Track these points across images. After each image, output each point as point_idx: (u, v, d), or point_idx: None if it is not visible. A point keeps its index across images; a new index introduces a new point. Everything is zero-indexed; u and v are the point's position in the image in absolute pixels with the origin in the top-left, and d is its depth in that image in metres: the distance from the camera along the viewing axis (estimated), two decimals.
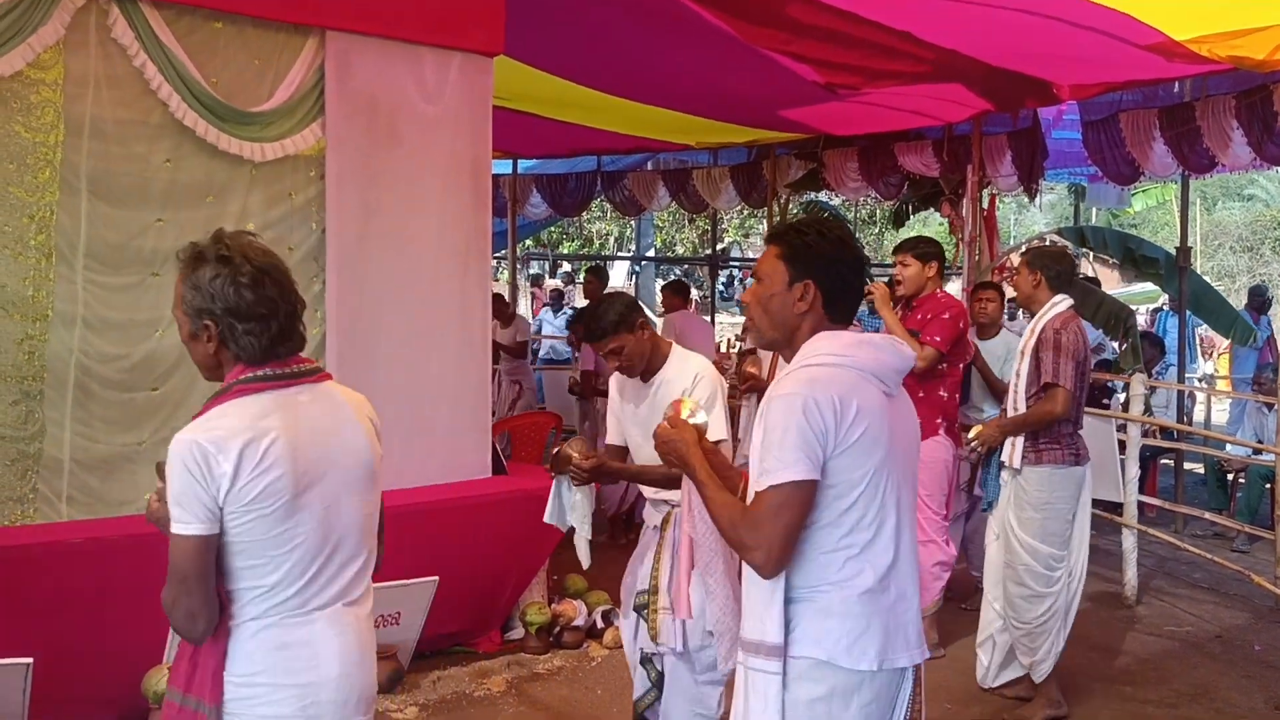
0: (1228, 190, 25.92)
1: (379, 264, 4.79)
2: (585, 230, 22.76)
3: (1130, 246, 9.24)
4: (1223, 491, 8.08)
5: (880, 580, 2.09)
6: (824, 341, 2.15)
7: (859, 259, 2.22)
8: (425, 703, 4.46)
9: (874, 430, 2.07)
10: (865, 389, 2.09)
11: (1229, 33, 4.71)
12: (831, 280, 2.16)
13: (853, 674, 2.06)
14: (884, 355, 2.15)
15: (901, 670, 2.11)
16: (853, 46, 5.76)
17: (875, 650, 2.07)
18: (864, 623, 2.07)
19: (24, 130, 3.99)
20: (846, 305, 2.20)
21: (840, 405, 2.04)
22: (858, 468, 2.06)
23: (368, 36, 4.72)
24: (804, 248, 2.18)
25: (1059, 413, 4.21)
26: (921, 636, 2.17)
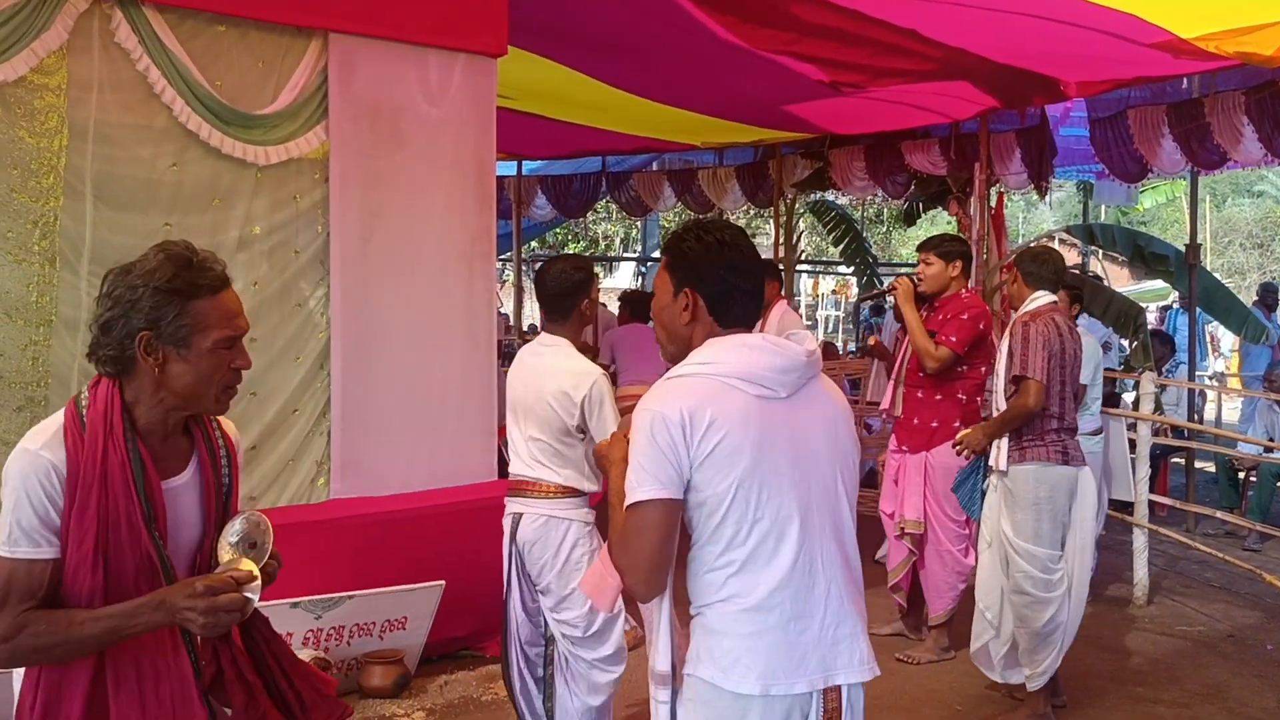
0: (1237, 187, 25.81)
1: (383, 267, 4.78)
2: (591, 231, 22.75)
3: (1140, 244, 9.18)
4: (1234, 490, 8.03)
5: (765, 599, 1.95)
6: (697, 350, 2.06)
7: (743, 260, 2.08)
8: (432, 707, 4.45)
9: (735, 440, 1.94)
10: (726, 396, 1.97)
11: (1237, 29, 4.68)
12: (711, 285, 2.06)
13: (735, 697, 1.94)
14: (758, 356, 2.00)
15: (802, 696, 1.95)
16: (858, 45, 5.74)
17: (757, 673, 1.93)
18: (744, 644, 1.95)
19: (28, 135, 3.99)
20: (737, 309, 2.08)
21: (689, 417, 1.93)
22: (720, 480, 1.94)
23: (371, 39, 4.71)
24: (681, 255, 2.09)
25: (1030, 405, 4.10)
26: (852, 659, 1.99)
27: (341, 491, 4.70)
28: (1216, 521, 7.37)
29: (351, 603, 4.37)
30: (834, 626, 1.99)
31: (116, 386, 1.89)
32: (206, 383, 1.92)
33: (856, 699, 2.01)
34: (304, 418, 4.66)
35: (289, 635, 4.27)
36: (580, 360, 3.46)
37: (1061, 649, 4.30)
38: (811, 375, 2.07)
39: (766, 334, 2.09)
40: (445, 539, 4.68)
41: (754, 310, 2.12)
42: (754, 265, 2.11)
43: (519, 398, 3.50)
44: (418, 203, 4.88)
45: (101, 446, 1.82)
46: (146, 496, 1.85)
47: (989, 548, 4.40)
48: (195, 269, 1.91)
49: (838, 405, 2.11)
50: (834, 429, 2.07)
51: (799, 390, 2.03)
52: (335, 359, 4.68)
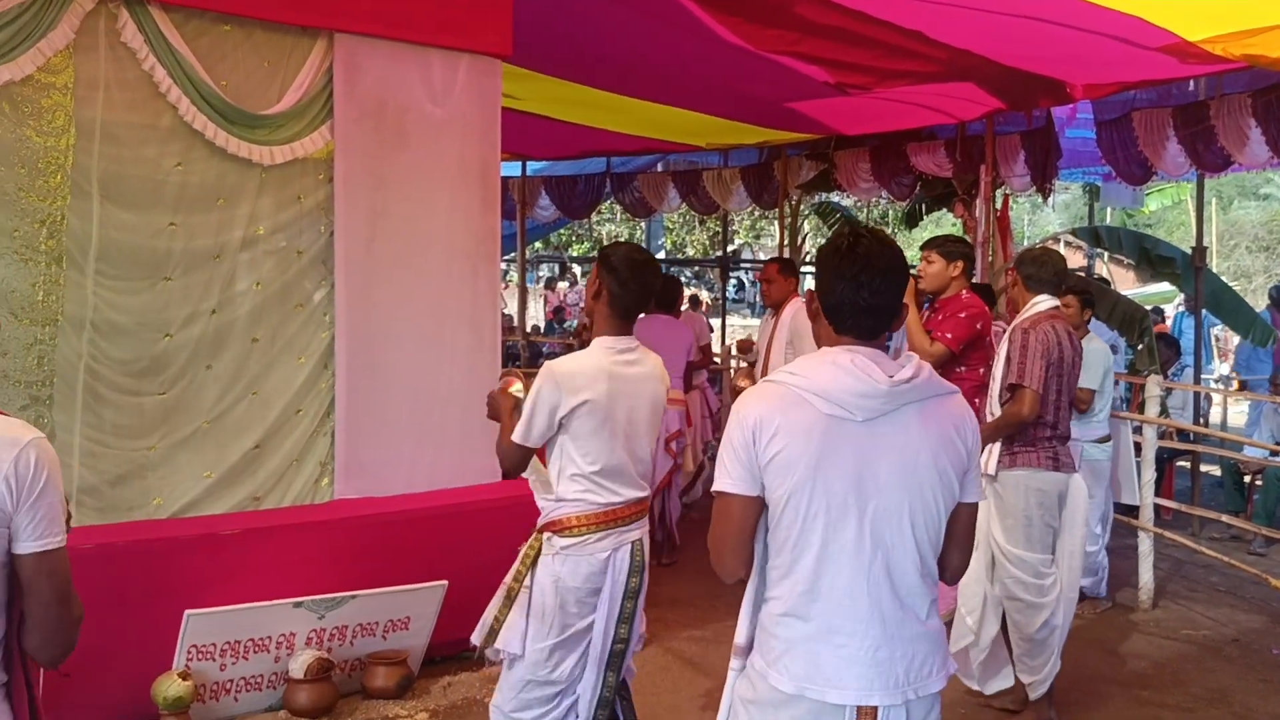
0: (1244, 189, 25.75)
1: (388, 267, 4.78)
2: (595, 232, 22.76)
3: (1146, 246, 9.18)
4: (1240, 494, 8.01)
5: (805, 608, 2.06)
6: (800, 359, 2.19)
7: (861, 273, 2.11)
8: (436, 708, 4.44)
9: (793, 452, 2.02)
10: (797, 409, 2.04)
11: (1242, 32, 4.67)
12: (826, 292, 2.17)
13: (775, 691, 2.06)
14: (840, 377, 2.06)
15: (835, 707, 2.02)
16: (863, 46, 5.73)
17: (793, 675, 2.05)
18: (784, 645, 2.07)
19: (35, 134, 3.99)
20: (849, 321, 2.13)
21: (759, 423, 2.05)
22: (778, 487, 2.05)
23: (376, 39, 4.71)
24: (817, 256, 2.23)
25: (1025, 414, 4.10)
26: (888, 683, 2.05)
27: (345, 492, 4.70)
28: (1222, 525, 7.35)
29: (354, 602, 4.37)
30: (874, 649, 2.05)
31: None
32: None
33: (896, 718, 2.05)
34: (308, 418, 4.65)
35: (292, 635, 4.27)
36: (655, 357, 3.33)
37: (1057, 656, 4.29)
38: (904, 402, 2.07)
39: (859, 354, 2.09)
40: (449, 540, 4.67)
41: (870, 325, 2.13)
42: (876, 281, 2.10)
43: (635, 416, 3.14)
44: (422, 203, 4.88)
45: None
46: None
47: (975, 550, 4.39)
48: None
49: (930, 437, 2.09)
50: (914, 459, 2.07)
51: (883, 415, 2.06)
52: (339, 359, 4.68)
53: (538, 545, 3.17)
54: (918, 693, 2.07)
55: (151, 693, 3.93)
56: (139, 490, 4.25)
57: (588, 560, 3.09)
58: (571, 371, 3.04)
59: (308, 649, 4.30)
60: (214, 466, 4.42)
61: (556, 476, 3.12)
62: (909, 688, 2.06)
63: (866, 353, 2.09)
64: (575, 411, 3.02)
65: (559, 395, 3.01)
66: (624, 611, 3.14)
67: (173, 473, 4.32)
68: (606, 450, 3.07)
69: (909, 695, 2.06)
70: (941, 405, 2.13)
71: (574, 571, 3.09)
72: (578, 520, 3.09)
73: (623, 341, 3.13)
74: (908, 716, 2.07)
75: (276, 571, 4.23)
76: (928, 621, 2.11)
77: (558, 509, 3.12)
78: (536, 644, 3.12)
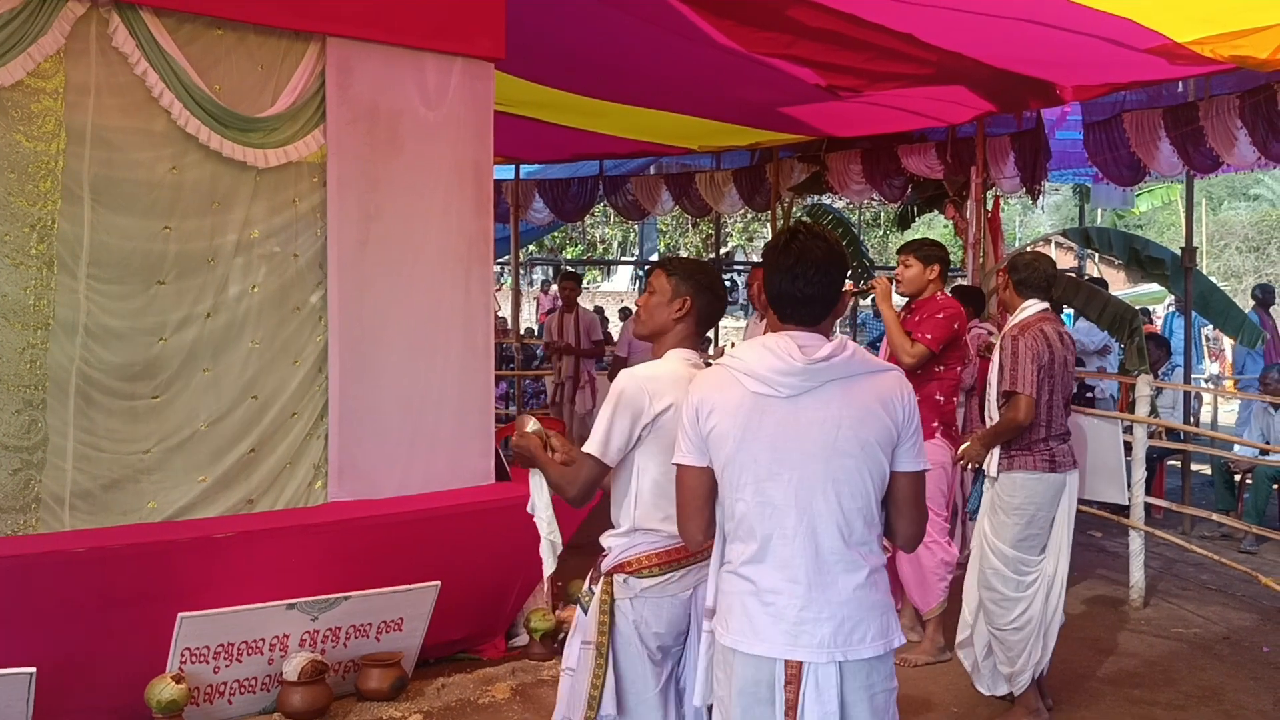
0: (1233, 190, 25.87)
1: (381, 270, 4.79)
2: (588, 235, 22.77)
3: (1135, 247, 9.21)
4: (1230, 493, 8.04)
5: (740, 568, 2.28)
6: (741, 344, 2.47)
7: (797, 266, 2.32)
8: (430, 710, 4.45)
9: (725, 426, 2.27)
10: (729, 388, 2.30)
11: (1231, 33, 4.69)
12: (769, 284, 2.38)
13: (723, 648, 2.30)
14: (766, 357, 2.27)
15: (765, 660, 2.22)
16: (855, 49, 5.75)
17: (734, 630, 2.27)
18: (728, 602, 2.30)
19: (25, 139, 3.99)
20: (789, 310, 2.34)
21: (700, 401, 2.33)
22: (716, 460, 2.31)
23: (369, 43, 4.72)
24: (764, 250, 2.44)
25: (1021, 420, 4.18)
26: (813, 640, 2.19)
27: (339, 494, 4.71)
28: (1212, 524, 7.39)
29: (348, 604, 4.37)
30: (800, 609, 2.22)
31: None
32: None
33: (825, 676, 2.19)
34: (302, 421, 4.66)
35: (286, 637, 4.28)
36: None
37: (1042, 647, 4.33)
38: (827, 379, 2.25)
39: (786, 337, 2.29)
40: (442, 541, 4.68)
41: (808, 313, 2.33)
42: (810, 273, 2.30)
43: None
44: (415, 206, 4.89)
45: None
46: None
47: (976, 547, 4.47)
48: None
49: (852, 411, 2.25)
50: (834, 432, 2.23)
51: (807, 392, 2.24)
52: (333, 362, 4.68)
53: (609, 590, 2.78)
54: (847, 655, 2.20)
55: (145, 696, 3.93)
56: (133, 494, 4.25)
57: (670, 603, 2.75)
58: (654, 375, 2.77)
59: (301, 651, 4.31)
60: (208, 470, 4.42)
61: (632, 504, 2.77)
62: (835, 649, 2.20)
63: (798, 336, 2.29)
64: (659, 419, 2.71)
65: (643, 400, 2.71)
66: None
67: (167, 476, 4.32)
68: None
69: (836, 656, 2.20)
70: (869, 381, 2.28)
71: (656, 615, 2.75)
72: (655, 558, 2.74)
73: (695, 355, 2.89)
74: (841, 678, 2.19)
75: (270, 574, 4.23)
76: (861, 589, 2.24)
77: (631, 548, 2.77)
78: (638, 700, 2.77)
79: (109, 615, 3.92)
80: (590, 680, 2.75)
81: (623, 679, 2.76)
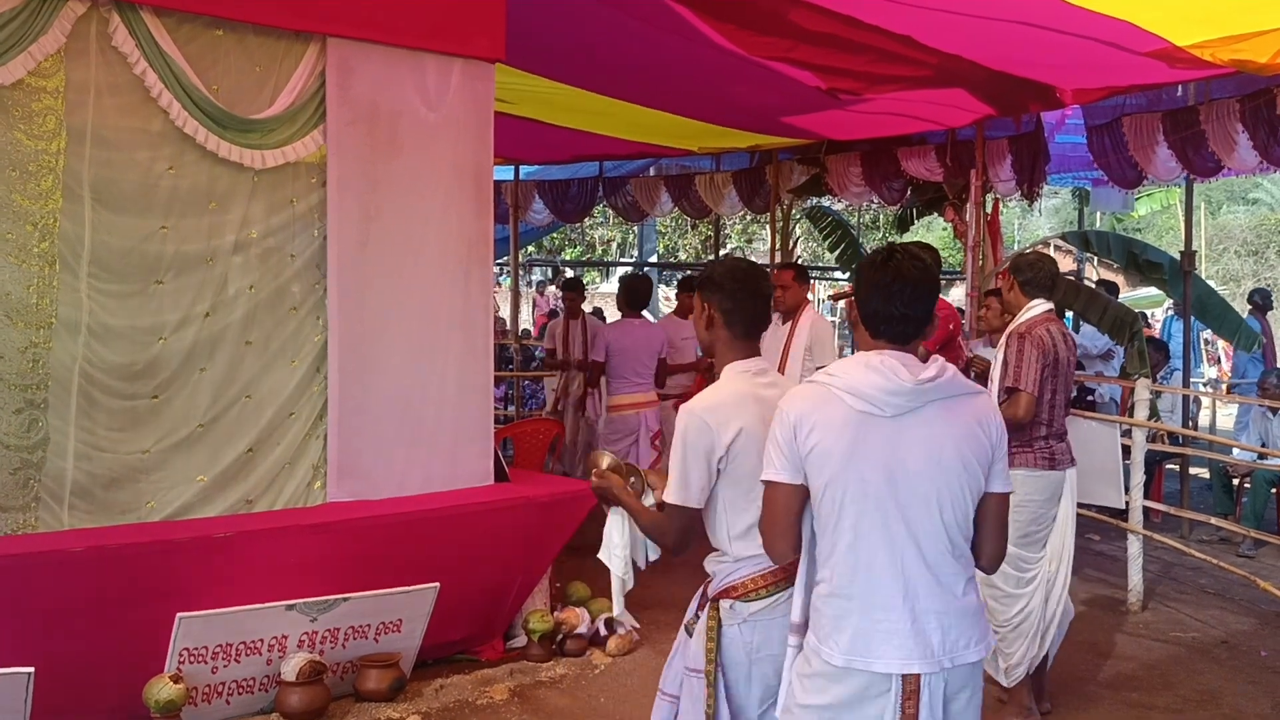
0: (1232, 194, 25.88)
1: (380, 271, 4.79)
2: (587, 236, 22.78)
3: (1134, 251, 9.21)
4: (1228, 496, 8.05)
5: (846, 587, 2.28)
6: (838, 361, 2.44)
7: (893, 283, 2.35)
8: (428, 710, 4.45)
9: (827, 446, 2.27)
10: (831, 406, 2.29)
11: (1231, 37, 4.71)
12: (862, 300, 2.41)
13: (826, 665, 2.28)
14: (870, 376, 2.28)
15: (879, 675, 2.23)
16: (854, 51, 5.76)
17: (842, 649, 2.26)
18: (833, 621, 2.29)
19: (26, 138, 3.99)
20: (882, 327, 2.36)
21: (798, 419, 2.31)
22: (816, 478, 2.30)
23: (369, 43, 4.72)
24: (857, 267, 2.53)
25: (1020, 416, 4.23)
26: (927, 651, 2.23)
27: (337, 495, 4.70)
28: (1211, 528, 7.39)
29: (346, 605, 4.37)
30: (910, 622, 2.25)
31: None
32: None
33: (936, 685, 2.26)
34: (300, 421, 4.66)
35: (284, 638, 4.28)
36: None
37: (1040, 641, 4.38)
38: (930, 399, 2.28)
39: (889, 356, 2.31)
40: (441, 542, 4.68)
41: (901, 332, 2.35)
42: (907, 292, 2.33)
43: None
44: (415, 207, 4.89)
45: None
46: None
47: None
48: None
49: (955, 431, 2.29)
50: (939, 451, 2.27)
51: (911, 411, 2.27)
52: (332, 362, 4.68)
53: (717, 616, 2.69)
54: (954, 661, 2.27)
55: (143, 696, 3.93)
56: (132, 493, 4.25)
57: (781, 623, 2.60)
58: (714, 404, 2.64)
59: (300, 651, 4.31)
60: (207, 470, 4.42)
61: (728, 537, 2.68)
62: (944, 656, 2.26)
63: (896, 355, 2.31)
64: (732, 448, 2.60)
65: (711, 435, 2.59)
66: None
67: (166, 476, 4.32)
68: None
69: (945, 664, 2.26)
70: (966, 403, 2.34)
71: (768, 638, 2.63)
72: (762, 580, 2.65)
73: (755, 364, 2.75)
74: (946, 685, 2.27)
75: (269, 574, 4.23)
76: (963, 598, 2.30)
77: (735, 572, 2.68)
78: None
79: (107, 615, 3.92)
80: (704, 709, 2.67)
81: (733, 706, 2.68)
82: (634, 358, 7.04)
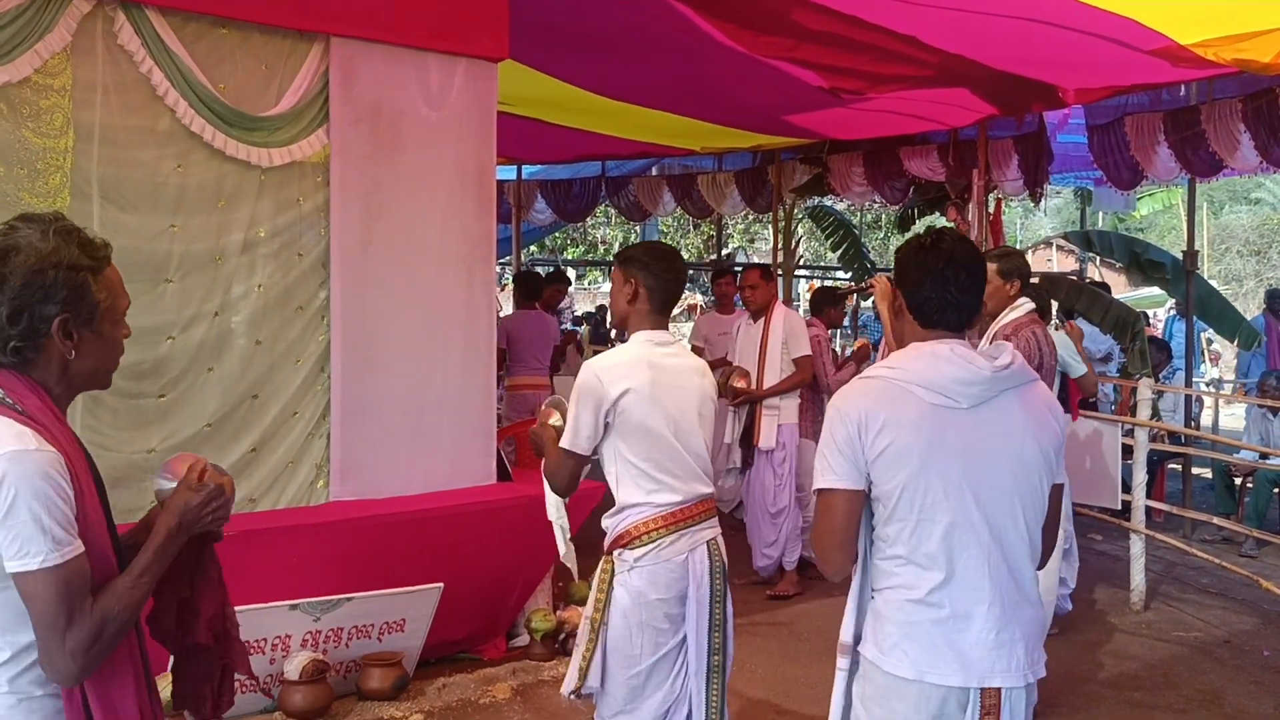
0: (1235, 194, 25.87)
1: (383, 270, 4.79)
2: (590, 236, 22.77)
3: (1136, 251, 9.23)
4: (1230, 496, 8.05)
5: (925, 595, 2.09)
6: (892, 354, 2.22)
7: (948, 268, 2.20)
8: (430, 709, 4.45)
9: (903, 443, 2.08)
10: (902, 401, 2.11)
11: (1234, 36, 4.70)
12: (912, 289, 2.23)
13: (892, 679, 2.09)
14: (942, 366, 2.12)
15: (957, 689, 2.07)
16: (857, 51, 5.76)
17: (912, 660, 2.08)
18: (904, 631, 2.10)
19: (34, 136, 3.99)
20: (937, 315, 2.21)
21: (864, 418, 2.10)
22: (890, 479, 2.09)
23: (372, 43, 4.72)
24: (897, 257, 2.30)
25: None
26: (1010, 664, 2.09)
27: (341, 494, 4.71)
28: (1213, 527, 7.39)
29: (350, 605, 4.37)
30: (996, 632, 2.09)
31: (24, 376, 1.81)
32: (112, 359, 1.91)
33: (1017, 701, 2.11)
34: (304, 420, 4.66)
35: (288, 637, 4.28)
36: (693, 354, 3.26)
37: None
38: (1005, 388, 2.14)
39: (955, 344, 2.17)
40: (444, 542, 4.69)
41: (959, 318, 2.20)
42: (961, 276, 2.18)
43: (683, 406, 2.98)
44: (418, 206, 4.89)
45: (56, 434, 1.80)
46: (97, 474, 1.88)
47: None
48: (90, 244, 1.84)
49: (1031, 421, 2.15)
50: (1019, 445, 2.13)
51: (986, 402, 2.12)
52: (335, 361, 4.69)
53: (609, 567, 2.93)
54: (1035, 674, 2.14)
55: None
56: (137, 493, 4.23)
57: (666, 567, 2.87)
58: (609, 365, 2.92)
59: (303, 651, 4.31)
60: None
61: (616, 484, 2.94)
62: (1028, 669, 2.12)
63: (962, 343, 2.17)
64: (619, 403, 2.86)
65: (600, 390, 2.86)
66: (714, 618, 2.93)
67: None
68: (660, 443, 2.89)
69: (1028, 678, 2.12)
70: (1036, 389, 2.22)
71: (653, 582, 2.86)
72: (646, 526, 2.88)
73: (660, 335, 3.01)
74: (1026, 699, 2.13)
75: (272, 573, 4.23)
76: (1038, 605, 2.18)
77: (623, 521, 2.92)
78: (625, 673, 2.88)
79: None
80: (582, 653, 2.91)
81: (611, 653, 2.88)
82: (529, 344, 7.63)
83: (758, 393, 6.19)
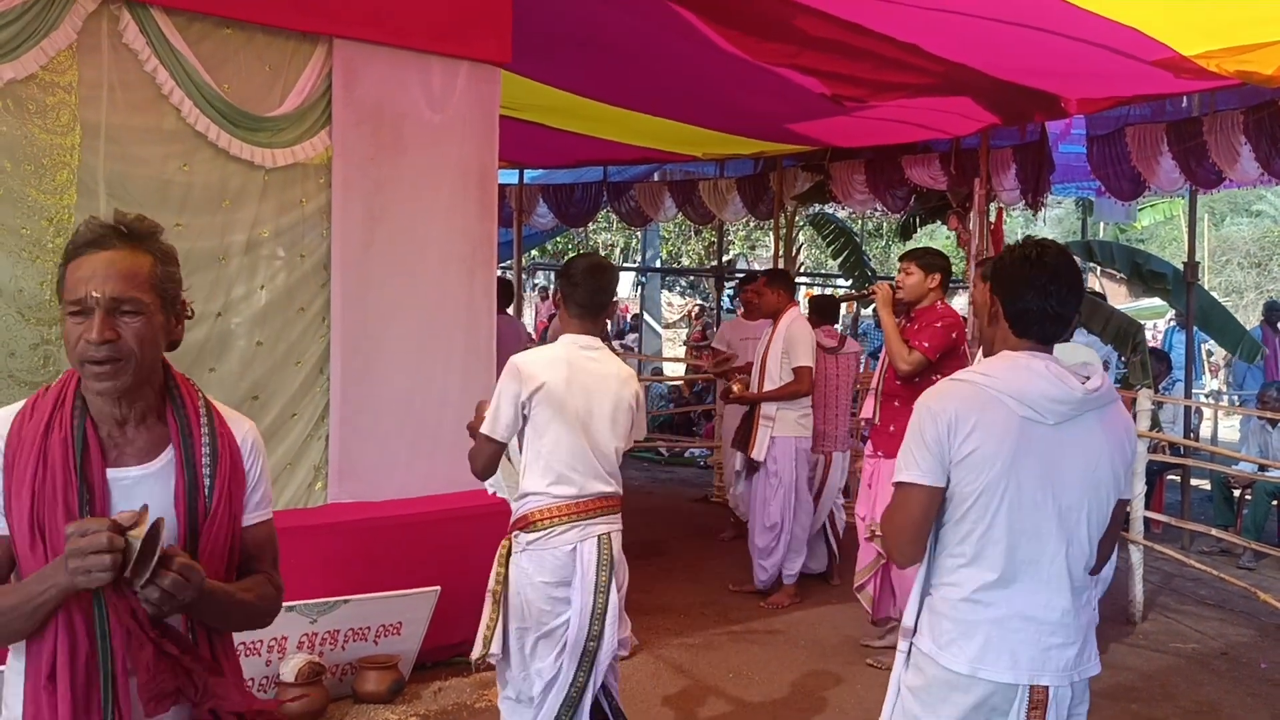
0: (1236, 206, 25.87)
1: (384, 272, 4.80)
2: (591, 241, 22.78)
3: (1138, 261, 9.24)
4: (1229, 508, 8.04)
5: (985, 595, 2.20)
6: (986, 360, 2.32)
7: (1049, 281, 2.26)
8: (426, 713, 4.44)
9: (989, 450, 2.17)
10: (992, 409, 2.19)
11: (1237, 48, 4.71)
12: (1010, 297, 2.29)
13: (947, 672, 2.20)
14: (1035, 381, 2.20)
15: (1006, 685, 2.18)
16: (860, 58, 5.77)
17: (968, 656, 2.19)
18: (961, 628, 2.21)
19: (40, 132, 3.99)
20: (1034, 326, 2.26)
21: (955, 419, 2.19)
22: (970, 482, 2.18)
23: (375, 45, 4.73)
24: (997, 264, 2.37)
25: None
26: (1059, 665, 2.20)
27: (339, 496, 4.70)
28: (1211, 539, 7.38)
29: (347, 607, 4.37)
30: (1050, 634, 2.21)
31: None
32: (73, 357, 1.74)
33: (1063, 699, 2.22)
34: (303, 422, 4.66)
35: (284, 639, 4.27)
36: (621, 362, 3.46)
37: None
38: (1091, 408, 2.22)
39: (1050, 362, 2.23)
40: (442, 545, 4.68)
41: (1051, 332, 2.26)
42: (1063, 290, 2.24)
43: (594, 408, 3.24)
44: (419, 209, 4.90)
45: (45, 423, 1.74)
46: (85, 479, 1.73)
47: None
48: (78, 231, 1.77)
49: (1109, 443, 2.24)
50: (1095, 464, 2.22)
51: (1071, 420, 2.20)
52: (334, 363, 4.69)
53: (508, 545, 3.27)
54: (1081, 675, 2.25)
55: None
56: None
57: (552, 554, 3.19)
58: (530, 360, 3.23)
59: (299, 653, 4.30)
60: None
61: (524, 471, 3.23)
62: (1075, 671, 2.23)
63: (1053, 360, 2.24)
64: (533, 397, 3.16)
65: (518, 383, 3.17)
66: (596, 607, 3.20)
67: None
68: (566, 438, 3.18)
69: (1074, 678, 2.23)
70: (1116, 411, 2.29)
71: (540, 566, 3.18)
72: (542, 514, 3.19)
73: (587, 340, 3.30)
74: (1070, 699, 2.24)
75: None
76: (1091, 610, 2.30)
77: (524, 505, 3.23)
78: (518, 643, 3.22)
79: None
80: (485, 623, 3.23)
81: (509, 625, 3.21)
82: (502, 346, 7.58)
83: (749, 395, 6.22)
